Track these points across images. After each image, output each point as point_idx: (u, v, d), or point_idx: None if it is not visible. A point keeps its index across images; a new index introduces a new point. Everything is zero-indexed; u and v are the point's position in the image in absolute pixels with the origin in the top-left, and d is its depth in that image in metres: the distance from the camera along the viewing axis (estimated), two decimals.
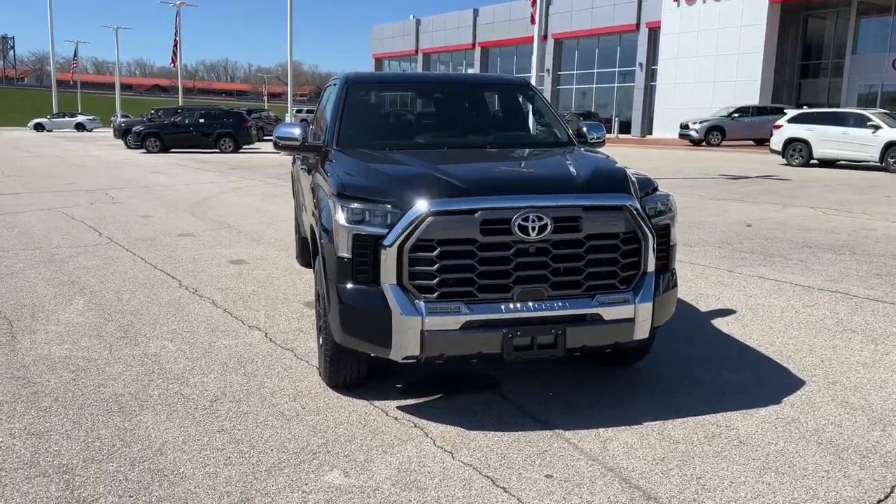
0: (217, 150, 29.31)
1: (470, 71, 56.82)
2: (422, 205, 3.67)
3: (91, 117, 59.48)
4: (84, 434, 3.76)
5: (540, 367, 4.71)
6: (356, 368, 4.20)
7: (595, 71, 51.01)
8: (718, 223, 11.11)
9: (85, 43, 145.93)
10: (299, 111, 67.58)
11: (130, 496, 3.17)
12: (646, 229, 3.92)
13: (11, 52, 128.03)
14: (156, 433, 3.78)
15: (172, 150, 29.47)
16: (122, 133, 31.47)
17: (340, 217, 3.81)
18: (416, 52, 65.77)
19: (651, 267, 4.00)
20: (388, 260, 3.69)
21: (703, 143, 33.13)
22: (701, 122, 33.47)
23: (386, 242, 3.69)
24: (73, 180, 17.58)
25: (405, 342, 3.72)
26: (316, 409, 4.10)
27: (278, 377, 4.57)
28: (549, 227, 3.72)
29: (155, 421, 3.92)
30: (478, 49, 59.00)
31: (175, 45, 39.80)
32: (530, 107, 5.67)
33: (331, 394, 4.31)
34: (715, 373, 4.72)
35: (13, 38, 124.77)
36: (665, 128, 42.22)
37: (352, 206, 3.80)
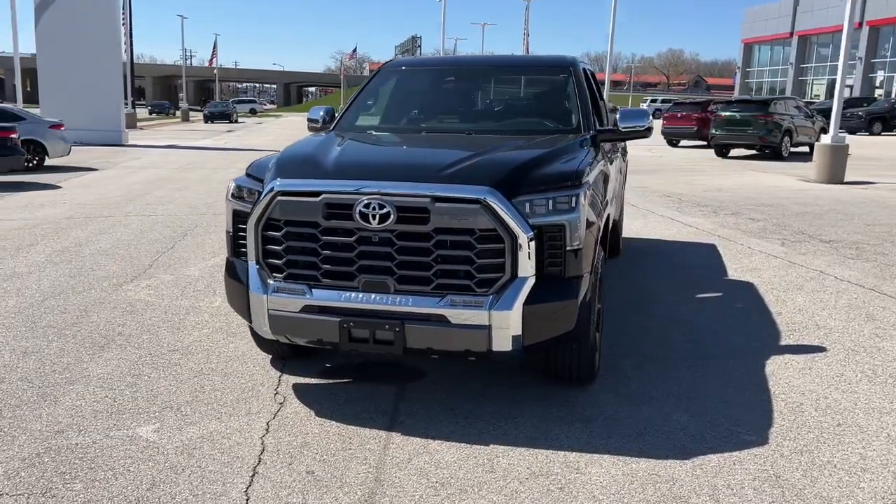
0: None
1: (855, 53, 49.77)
2: (274, 184, 3.72)
3: None
4: None
5: (492, 375, 4.38)
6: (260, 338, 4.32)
7: None
8: None
9: (463, 40, 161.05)
10: (654, 100, 66.35)
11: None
12: (514, 228, 3.43)
13: (419, 51, 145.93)
14: None
15: None
16: None
17: (227, 193, 4.02)
18: (791, 34, 59.72)
19: (525, 272, 3.49)
20: (249, 237, 3.81)
21: None
22: None
23: (250, 220, 3.81)
24: None
25: (258, 319, 3.81)
26: (224, 370, 4.39)
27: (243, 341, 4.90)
28: (391, 217, 3.49)
29: None
30: (865, 28, 51.40)
31: (525, 39, 41.85)
32: (564, 90, 5.13)
33: (255, 358, 4.54)
34: None
35: (421, 37, 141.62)
36: None
37: (235, 184, 3.99)
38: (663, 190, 13.54)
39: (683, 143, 27.60)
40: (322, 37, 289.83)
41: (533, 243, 3.48)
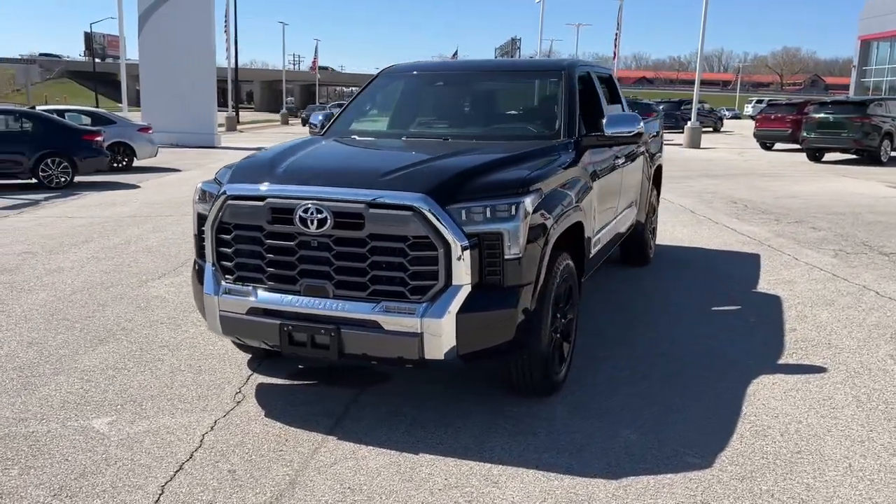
0: None
1: None
2: (225, 188, 3.83)
3: None
4: None
5: (456, 383, 4.34)
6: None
7: None
8: None
9: (558, 41, 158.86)
10: (759, 101, 63.42)
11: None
12: (446, 236, 3.39)
13: (518, 53, 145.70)
14: None
15: None
16: None
17: (194, 197, 4.16)
18: None
19: (460, 280, 3.45)
20: (206, 239, 3.94)
21: None
22: None
23: (206, 223, 3.93)
24: None
25: (211, 320, 3.93)
26: (200, 367, 4.54)
27: None
28: (328, 222, 3.53)
29: None
30: None
31: (616, 38, 40.96)
32: (551, 95, 5.01)
33: (235, 357, 4.68)
34: None
35: (521, 39, 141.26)
36: None
37: (200, 187, 4.12)
38: (732, 196, 12.98)
39: (778, 146, 26.32)
40: (424, 41, 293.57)
41: (468, 251, 3.42)
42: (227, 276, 3.85)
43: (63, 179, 13.62)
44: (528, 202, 3.59)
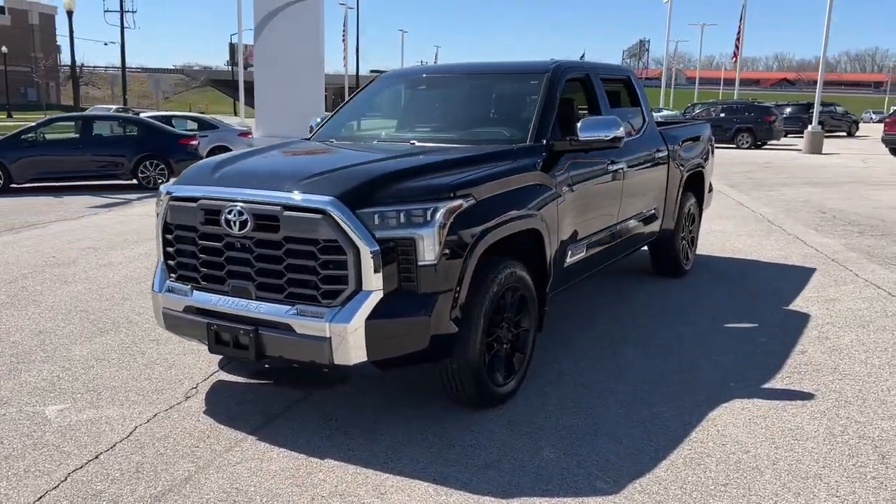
0: (733, 146, 28.24)
1: None
2: (169, 189, 3.97)
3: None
4: None
5: (408, 390, 4.31)
6: None
7: None
8: None
9: (684, 41, 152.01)
10: None
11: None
12: (356, 240, 3.36)
13: (647, 54, 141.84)
14: None
15: None
16: None
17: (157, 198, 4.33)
18: None
19: (370, 285, 3.41)
20: (156, 238, 4.10)
21: None
22: None
23: (157, 222, 4.09)
24: None
25: (157, 315, 4.08)
26: (173, 362, 4.71)
27: None
28: (249, 224, 3.58)
29: None
30: None
31: (737, 38, 38.99)
32: (528, 98, 4.83)
33: (209, 355, 4.79)
34: None
35: (649, 40, 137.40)
36: None
37: (161, 188, 4.28)
38: (825, 205, 12.07)
39: None
40: (549, 45, 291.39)
41: (379, 256, 3.37)
42: (171, 275, 3.97)
43: (160, 181, 14.50)
44: (446, 208, 3.49)
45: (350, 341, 3.39)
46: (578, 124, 4.49)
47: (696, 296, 6.35)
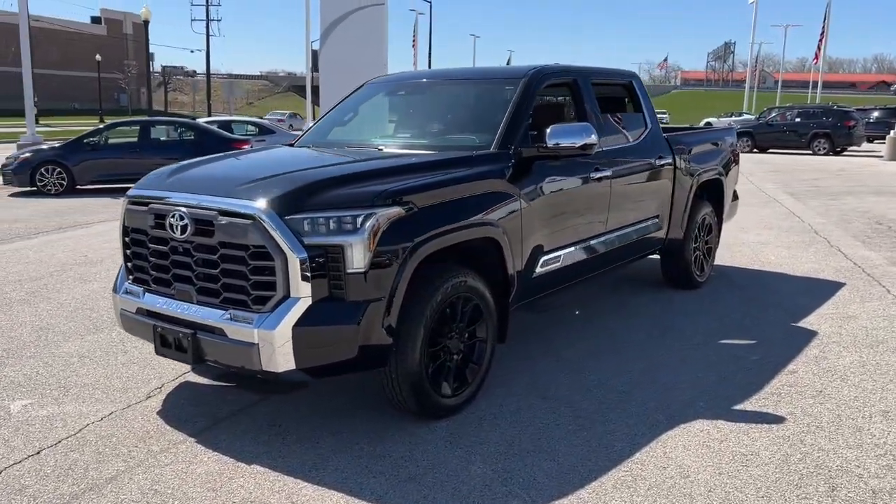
0: (809, 152, 27.05)
1: None
2: (128, 192, 4.07)
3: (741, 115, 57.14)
4: None
5: (364, 398, 4.28)
6: None
7: None
8: None
9: (768, 43, 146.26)
10: None
11: None
12: (284, 247, 3.36)
13: (732, 57, 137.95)
14: None
15: (767, 151, 28.43)
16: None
17: None
18: None
19: (298, 292, 3.40)
20: (119, 240, 4.20)
21: None
22: None
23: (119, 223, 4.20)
24: None
25: (116, 315, 4.19)
26: (148, 362, 4.82)
27: None
28: (189, 228, 3.64)
29: None
30: None
31: (820, 39, 37.27)
32: (501, 105, 4.71)
33: None
34: None
35: (734, 43, 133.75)
36: None
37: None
38: (885, 216, 11.42)
39: None
40: (630, 48, 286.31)
41: (307, 263, 3.36)
42: (129, 276, 4.07)
43: None
44: (379, 215, 3.45)
45: (277, 348, 3.38)
46: (547, 131, 4.36)
47: (701, 310, 6.08)
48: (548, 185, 4.51)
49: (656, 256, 6.59)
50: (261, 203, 3.41)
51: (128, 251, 4.04)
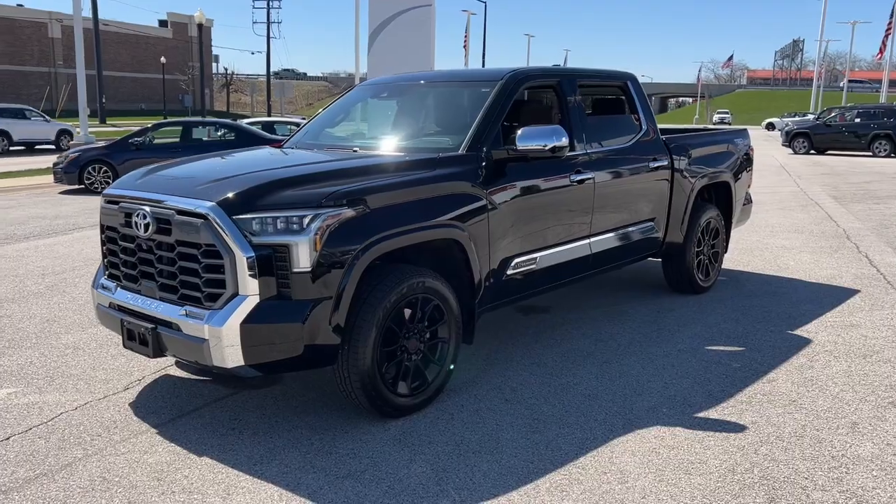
0: (869, 154, 26.08)
1: None
2: (106, 191, 4.24)
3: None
4: None
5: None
6: None
7: None
8: None
9: (836, 41, 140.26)
10: None
11: None
12: (232, 245, 3.47)
13: (801, 55, 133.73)
14: None
15: (826, 152, 27.53)
16: (785, 134, 30.45)
17: None
18: None
19: (247, 290, 3.49)
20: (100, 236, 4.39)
21: None
22: None
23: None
24: None
25: (94, 309, 4.37)
26: (135, 354, 5.00)
27: None
28: (151, 227, 3.78)
29: None
30: None
31: (886, 36, 35.74)
32: (475, 107, 4.71)
33: None
34: None
35: (803, 40, 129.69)
36: None
37: None
38: None
39: None
40: (694, 46, 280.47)
41: (255, 262, 3.46)
42: (106, 272, 4.23)
43: None
44: (326, 215, 3.52)
45: (225, 344, 3.48)
46: (517, 133, 4.36)
47: (696, 316, 5.97)
48: (521, 187, 4.50)
49: (659, 260, 6.49)
50: (212, 203, 3.52)
51: (104, 248, 4.21)
